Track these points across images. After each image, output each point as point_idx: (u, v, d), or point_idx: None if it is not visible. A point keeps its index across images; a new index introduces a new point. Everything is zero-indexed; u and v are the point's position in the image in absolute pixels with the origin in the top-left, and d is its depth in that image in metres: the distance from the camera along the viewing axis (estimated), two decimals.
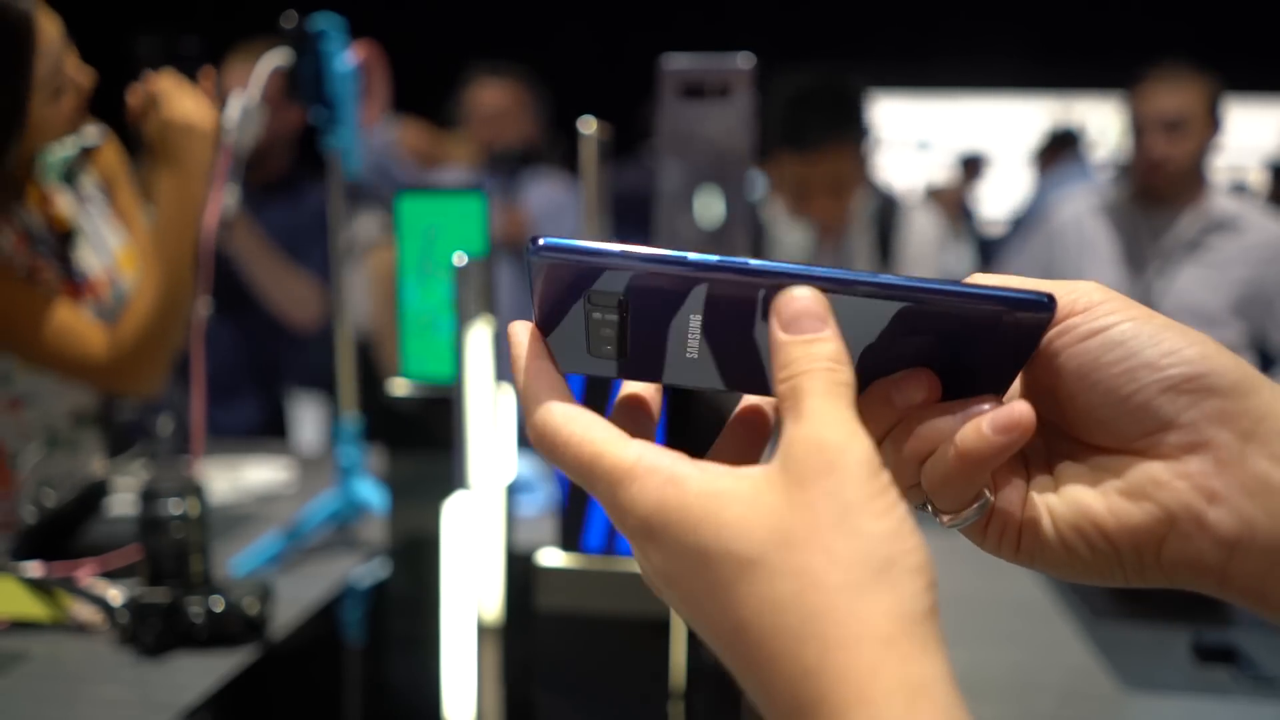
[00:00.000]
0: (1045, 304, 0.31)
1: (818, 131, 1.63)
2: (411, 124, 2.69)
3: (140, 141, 1.10)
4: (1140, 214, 1.93)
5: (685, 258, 0.31)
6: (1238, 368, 0.31)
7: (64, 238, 1.10)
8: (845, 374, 0.29)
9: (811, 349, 0.29)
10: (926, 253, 1.89)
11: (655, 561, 0.30)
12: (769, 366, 0.31)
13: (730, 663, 0.28)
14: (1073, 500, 0.33)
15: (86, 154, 1.17)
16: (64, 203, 1.12)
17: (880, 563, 0.26)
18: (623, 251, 0.31)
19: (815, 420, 0.28)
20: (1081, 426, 0.33)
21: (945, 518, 0.35)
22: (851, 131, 1.67)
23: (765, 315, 0.31)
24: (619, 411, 0.35)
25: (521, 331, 0.34)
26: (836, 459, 0.27)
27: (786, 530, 0.27)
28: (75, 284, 1.09)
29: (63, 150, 1.12)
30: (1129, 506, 0.32)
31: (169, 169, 1.06)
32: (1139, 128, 1.88)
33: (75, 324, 1.05)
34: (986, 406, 0.32)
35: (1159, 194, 1.90)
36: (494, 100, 2.38)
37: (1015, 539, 0.35)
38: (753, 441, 0.35)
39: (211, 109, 1.08)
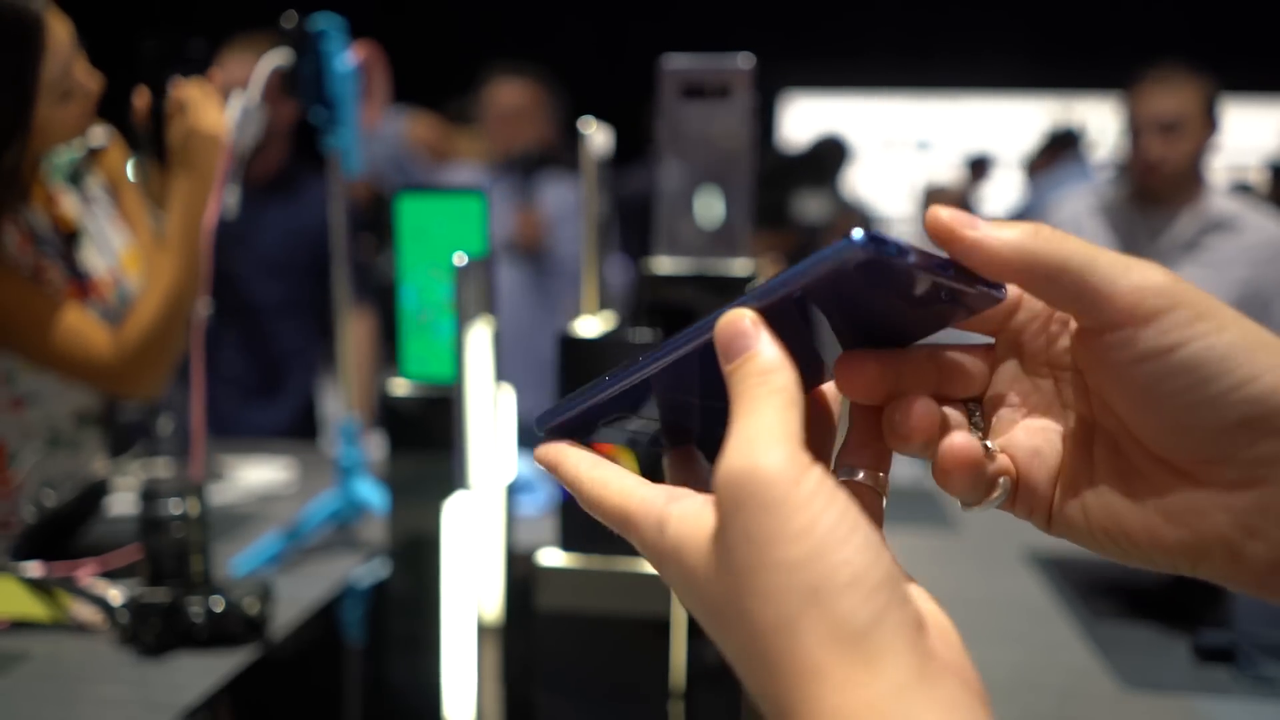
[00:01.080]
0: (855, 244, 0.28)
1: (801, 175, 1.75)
2: (421, 117, 2.68)
3: (142, 143, 1.10)
4: (1138, 214, 1.93)
5: (633, 366, 0.33)
6: None
7: (69, 238, 1.10)
8: (776, 379, 0.28)
9: (746, 367, 0.29)
10: None
11: (679, 595, 0.31)
12: None
13: None
14: (1108, 506, 0.32)
15: (93, 155, 1.17)
16: (69, 203, 1.12)
17: (806, 592, 0.25)
18: (597, 393, 0.34)
19: (731, 449, 0.28)
20: (1132, 434, 0.31)
21: (965, 506, 0.34)
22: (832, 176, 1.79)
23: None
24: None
25: (558, 455, 0.36)
26: (741, 493, 0.27)
27: (726, 579, 0.27)
28: (80, 284, 1.09)
29: (69, 152, 1.12)
30: (1165, 528, 0.30)
31: (187, 174, 1.06)
32: (1135, 129, 1.88)
33: (80, 325, 1.05)
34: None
35: (1156, 195, 1.90)
36: (511, 99, 2.38)
37: (1045, 517, 0.33)
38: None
39: (226, 119, 1.09)
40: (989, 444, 0.34)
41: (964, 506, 0.34)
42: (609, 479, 0.33)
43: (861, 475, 0.33)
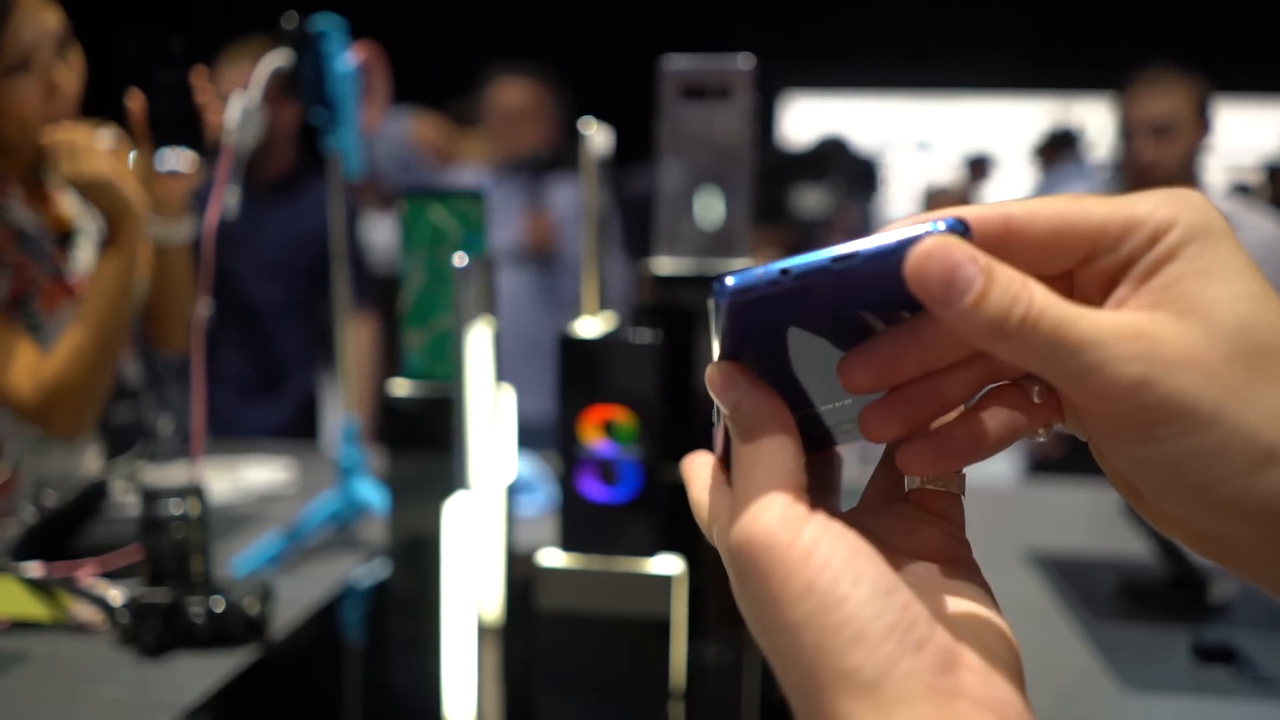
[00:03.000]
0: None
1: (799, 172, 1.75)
2: (426, 118, 2.67)
3: (137, 142, 1.10)
4: None
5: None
6: None
7: (63, 238, 1.10)
8: (771, 442, 0.29)
9: (731, 420, 0.30)
10: None
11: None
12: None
13: None
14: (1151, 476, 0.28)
15: None
16: (67, 203, 1.12)
17: (813, 653, 0.26)
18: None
19: (732, 511, 0.29)
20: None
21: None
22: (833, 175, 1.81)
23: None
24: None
25: (702, 470, 0.33)
26: (740, 560, 0.28)
27: (754, 628, 0.29)
28: (64, 284, 1.09)
29: None
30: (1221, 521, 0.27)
31: (112, 242, 1.06)
32: (1128, 132, 1.89)
33: (8, 351, 1.04)
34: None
35: None
36: (515, 99, 2.36)
37: (1099, 452, 0.30)
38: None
39: (118, 166, 1.07)
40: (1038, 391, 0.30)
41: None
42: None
43: (922, 480, 0.32)
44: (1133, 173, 1.90)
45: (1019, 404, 0.30)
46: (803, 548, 0.27)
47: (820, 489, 0.33)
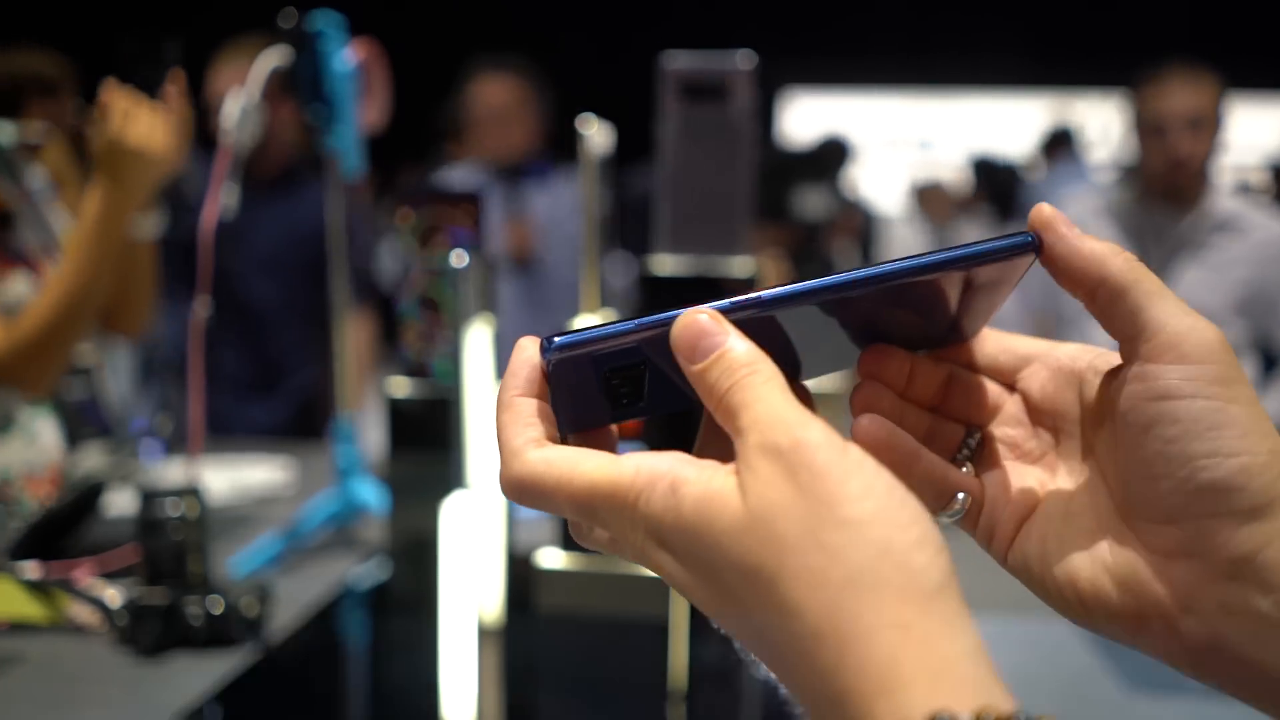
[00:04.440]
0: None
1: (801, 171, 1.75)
2: None
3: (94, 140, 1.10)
4: (1144, 214, 1.92)
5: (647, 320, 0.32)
6: (1274, 488, 0.29)
7: (2, 220, 1.12)
8: (765, 368, 0.29)
9: (721, 365, 0.29)
10: None
11: (673, 571, 0.29)
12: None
13: (762, 661, 0.29)
14: (1068, 561, 0.33)
15: (28, 149, 1.18)
16: (2, 188, 1.13)
17: (879, 547, 0.25)
18: (630, 325, 0.32)
19: (760, 427, 0.28)
20: (1110, 487, 0.33)
21: None
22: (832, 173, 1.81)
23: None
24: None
25: (523, 358, 0.33)
26: (795, 459, 0.27)
27: (778, 535, 0.26)
28: (10, 258, 1.10)
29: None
30: (1113, 591, 0.32)
31: (106, 183, 1.06)
32: (1158, 126, 1.86)
33: None
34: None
35: (1178, 192, 1.88)
36: (497, 98, 2.27)
37: (1002, 552, 0.35)
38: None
39: (170, 135, 1.08)
40: (965, 458, 0.36)
41: None
42: (580, 453, 0.31)
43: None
44: (1165, 168, 1.86)
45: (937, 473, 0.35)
46: (856, 455, 0.27)
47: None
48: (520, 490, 0.31)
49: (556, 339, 0.32)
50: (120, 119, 1.05)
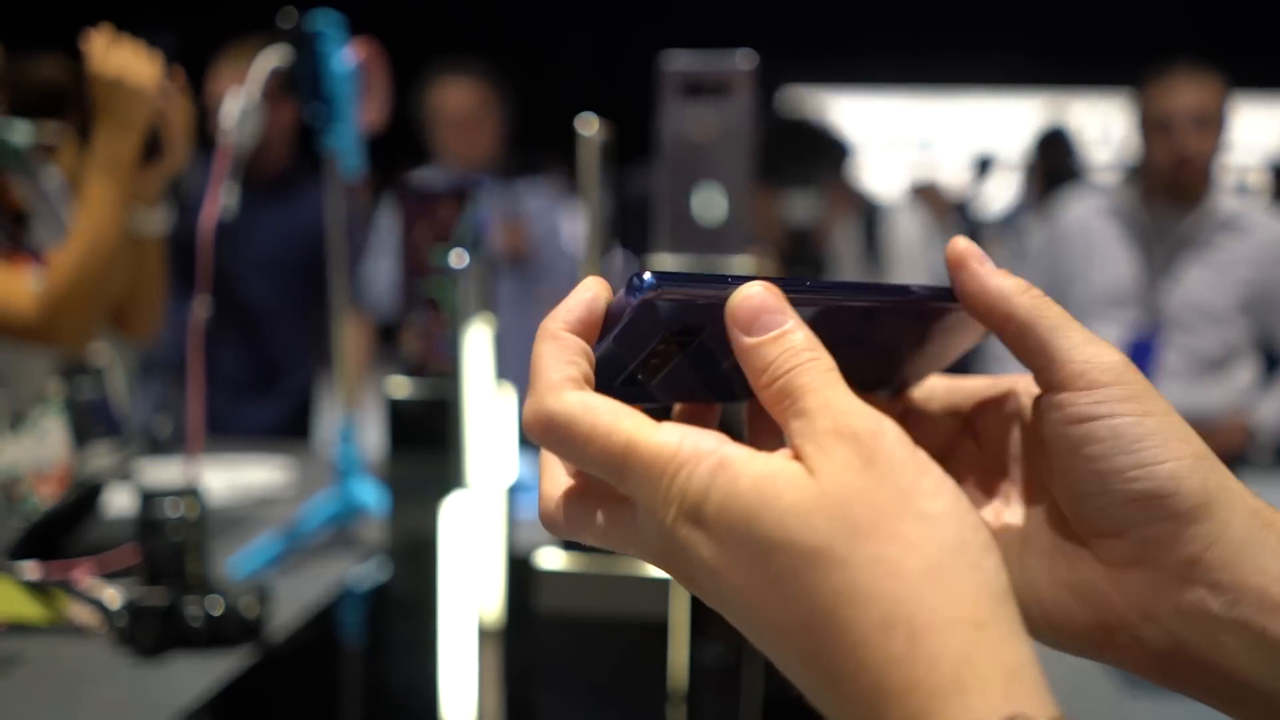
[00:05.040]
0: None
1: (792, 171, 1.73)
2: None
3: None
4: (1147, 213, 1.92)
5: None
6: (1205, 488, 0.30)
7: (17, 218, 1.12)
8: (826, 359, 0.28)
9: (782, 344, 0.28)
10: (914, 254, 1.92)
11: (705, 553, 0.27)
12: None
13: (790, 656, 0.27)
14: (1031, 582, 0.33)
15: (44, 150, 1.19)
16: (18, 187, 1.14)
17: (954, 544, 0.25)
18: (727, 278, 0.30)
19: (833, 412, 0.27)
20: (1058, 507, 0.33)
21: None
22: (824, 172, 1.79)
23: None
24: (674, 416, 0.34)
25: (583, 297, 0.31)
26: (874, 446, 0.26)
27: (851, 519, 0.26)
28: (24, 254, 1.11)
29: (14, 135, 1.13)
30: (1075, 607, 0.32)
31: (102, 121, 1.08)
32: (1164, 124, 1.85)
33: (2, 280, 1.06)
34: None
35: (1184, 191, 1.88)
36: (459, 103, 2.19)
37: None
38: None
39: (148, 65, 1.09)
40: None
41: None
42: (623, 407, 0.29)
43: None
44: (1172, 165, 1.86)
45: None
46: (924, 453, 0.27)
47: None
48: (547, 428, 0.29)
49: (650, 274, 0.29)
50: (101, 54, 1.07)
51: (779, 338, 0.28)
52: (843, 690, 0.25)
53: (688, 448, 0.28)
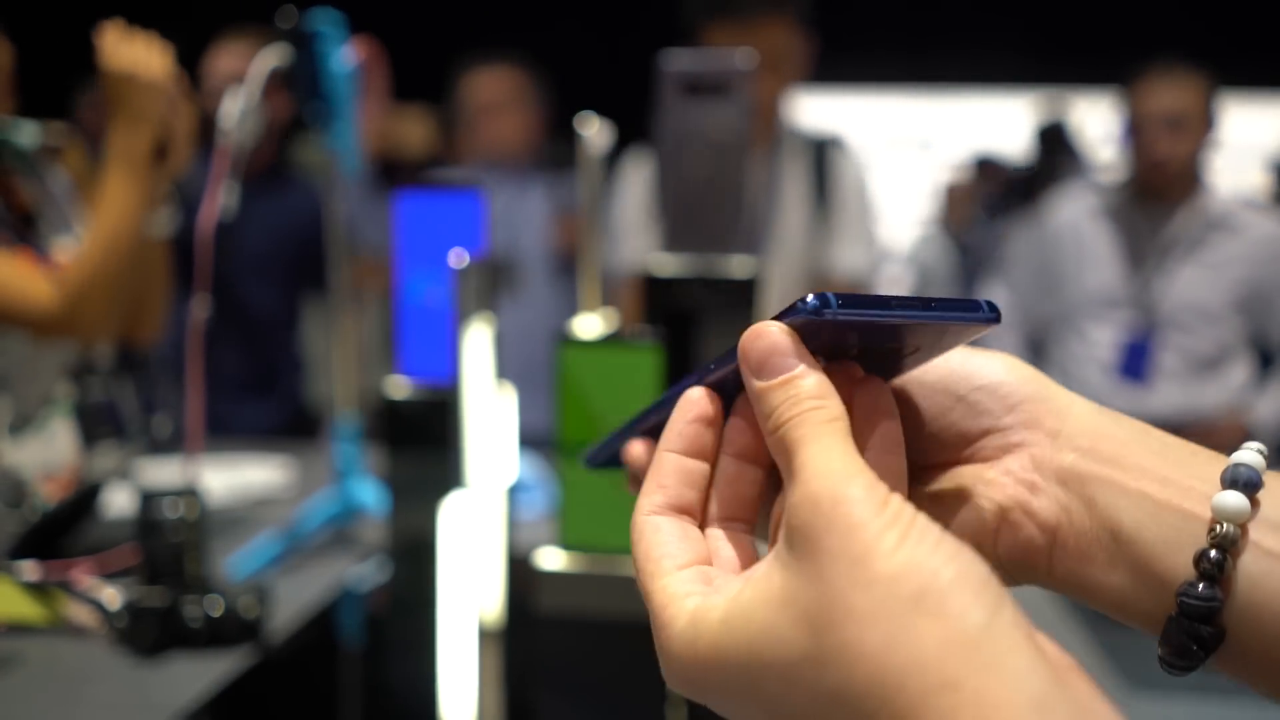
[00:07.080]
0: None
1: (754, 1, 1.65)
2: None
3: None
4: (1139, 213, 1.92)
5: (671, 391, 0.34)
6: (1035, 378, 0.34)
7: (25, 219, 1.12)
8: (831, 408, 0.28)
9: (787, 391, 0.28)
10: (863, 202, 1.83)
11: (712, 703, 0.29)
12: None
13: None
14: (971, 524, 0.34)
15: (50, 151, 1.19)
16: (26, 187, 1.14)
17: (910, 602, 0.24)
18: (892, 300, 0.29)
19: (807, 475, 0.27)
20: (919, 448, 0.35)
21: None
22: (790, 3, 1.68)
23: None
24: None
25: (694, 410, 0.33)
26: (832, 512, 0.26)
27: (812, 615, 0.25)
28: (36, 255, 1.11)
29: (21, 136, 1.13)
30: (965, 509, 0.34)
31: (115, 115, 1.09)
32: (1139, 126, 1.87)
33: (18, 270, 1.07)
34: None
35: (1159, 193, 1.89)
36: (491, 92, 2.15)
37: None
38: None
39: (160, 59, 1.10)
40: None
41: None
42: (659, 541, 0.32)
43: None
44: (1144, 168, 1.88)
45: None
46: (898, 503, 0.26)
47: None
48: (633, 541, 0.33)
49: (835, 296, 0.28)
50: (112, 49, 1.08)
51: (785, 383, 0.29)
52: None
53: (670, 610, 0.30)
